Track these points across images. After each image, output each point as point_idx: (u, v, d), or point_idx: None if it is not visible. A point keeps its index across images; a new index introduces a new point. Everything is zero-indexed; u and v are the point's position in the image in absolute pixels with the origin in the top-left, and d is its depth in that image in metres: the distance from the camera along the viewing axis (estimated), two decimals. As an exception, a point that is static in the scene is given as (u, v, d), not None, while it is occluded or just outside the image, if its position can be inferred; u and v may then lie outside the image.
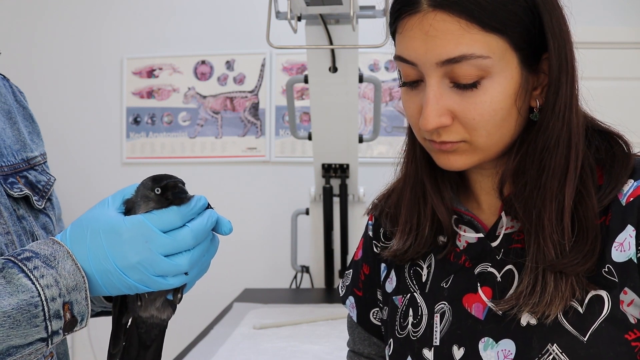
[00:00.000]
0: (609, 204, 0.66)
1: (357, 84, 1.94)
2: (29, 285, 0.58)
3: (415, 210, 0.78)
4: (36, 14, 2.98)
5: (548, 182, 0.66)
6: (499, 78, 0.64)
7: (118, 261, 0.61)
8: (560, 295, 0.64)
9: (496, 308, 0.69)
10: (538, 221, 0.66)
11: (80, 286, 0.61)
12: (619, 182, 0.66)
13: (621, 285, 0.63)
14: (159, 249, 0.61)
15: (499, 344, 0.68)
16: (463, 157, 0.69)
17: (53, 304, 0.59)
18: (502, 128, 0.67)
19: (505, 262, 0.71)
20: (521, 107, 0.67)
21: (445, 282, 0.75)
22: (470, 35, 0.63)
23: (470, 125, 0.66)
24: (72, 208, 2.91)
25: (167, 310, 0.69)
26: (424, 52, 0.65)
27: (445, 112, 0.66)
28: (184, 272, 0.63)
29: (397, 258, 0.80)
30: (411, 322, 0.77)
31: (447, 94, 0.66)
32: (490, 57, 0.63)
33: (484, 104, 0.65)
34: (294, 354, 1.55)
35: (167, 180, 0.63)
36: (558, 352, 0.63)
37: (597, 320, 0.63)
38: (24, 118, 0.83)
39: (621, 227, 0.65)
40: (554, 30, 0.66)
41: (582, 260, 0.64)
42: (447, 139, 0.67)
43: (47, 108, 2.95)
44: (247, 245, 2.89)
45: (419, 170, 0.78)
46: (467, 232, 0.76)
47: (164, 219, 0.62)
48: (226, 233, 0.67)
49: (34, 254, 0.60)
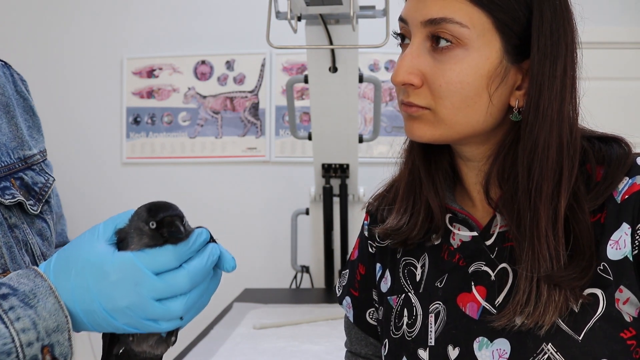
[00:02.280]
0: (604, 202, 0.66)
1: (357, 84, 1.94)
2: (2, 330, 0.51)
3: (411, 192, 0.79)
4: (36, 14, 2.97)
5: (543, 187, 0.65)
6: (474, 53, 0.66)
7: (105, 303, 0.55)
8: (554, 305, 0.63)
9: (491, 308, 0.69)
10: (532, 227, 0.65)
11: (63, 327, 0.55)
12: (615, 179, 0.66)
13: (616, 283, 0.63)
14: (150, 293, 0.54)
15: (494, 344, 0.68)
16: (426, 126, 0.70)
17: (29, 349, 0.53)
18: (469, 108, 0.67)
19: (499, 261, 0.71)
20: (494, 95, 0.67)
21: (439, 281, 0.75)
22: (456, 2, 0.65)
23: (437, 93, 0.67)
24: (72, 208, 2.91)
25: (161, 346, 0.63)
26: (413, 11, 0.69)
27: (416, 71, 0.68)
28: (179, 317, 0.57)
29: (389, 237, 0.80)
30: (406, 322, 0.77)
31: (423, 56, 0.68)
32: (469, 27, 0.65)
33: (452, 71, 0.66)
34: (294, 354, 1.55)
35: (163, 214, 0.56)
36: (553, 352, 0.63)
37: (592, 319, 0.63)
38: (23, 111, 0.78)
39: (616, 224, 0.64)
40: (543, 28, 0.65)
41: (579, 275, 0.63)
42: (413, 100, 0.69)
43: (47, 108, 2.94)
44: (247, 245, 2.89)
45: (416, 167, 0.79)
46: (461, 231, 0.76)
47: (157, 260, 0.55)
48: (229, 270, 0.60)
49: (11, 291, 0.54)
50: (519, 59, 0.67)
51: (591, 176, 0.68)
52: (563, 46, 0.66)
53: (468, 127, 0.69)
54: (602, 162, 0.69)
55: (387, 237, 0.81)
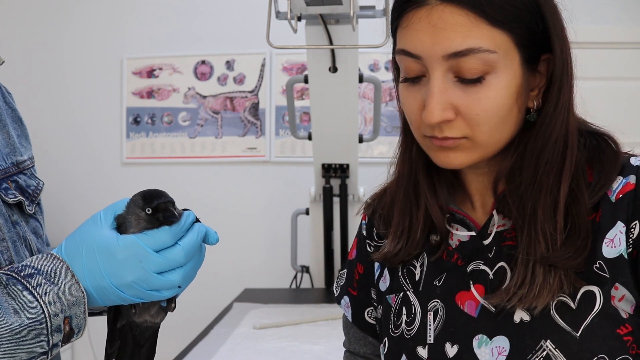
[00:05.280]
0: (598, 201, 0.67)
1: (357, 84, 1.94)
2: (33, 302, 0.60)
3: (407, 214, 0.79)
4: (36, 15, 2.97)
5: (544, 178, 0.67)
6: (502, 74, 0.65)
7: (113, 280, 0.63)
8: (548, 287, 0.64)
9: (489, 305, 0.69)
10: (532, 214, 0.67)
11: (80, 301, 0.63)
12: (608, 179, 0.67)
13: (612, 280, 0.64)
14: (152, 267, 0.64)
15: (493, 341, 0.68)
16: (463, 154, 0.69)
17: (55, 319, 0.61)
18: (504, 125, 0.67)
19: (497, 260, 0.71)
20: (521, 106, 0.68)
21: (437, 280, 0.76)
22: (478, 29, 0.63)
23: (474, 121, 0.66)
24: (72, 208, 2.92)
25: (160, 315, 0.72)
26: (430, 45, 0.64)
27: (449, 106, 0.66)
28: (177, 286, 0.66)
29: (388, 261, 0.81)
30: (405, 321, 0.77)
31: (451, 89, 0.65)
32: (496, 52, 0.64)
33: (488, 99, 0.65)
34: (294, 354, 1.55)
35: (157, 201, 0.65)
36: (552, 348, 0.64)
37: (589, 315, 0.64)
38: (12, 121, 0.83)
39: (611, 223, 0.65)
40: (557, 31, 0.67)
41: (574, 254, 0.64)
42: (449, 134, 0.67)
43: (47, 108, 2.95)
44: (247, 245, 2.89)
45: (414, 170, 0.78)
46: (459, 231, 0.76)
47: (156, 239, 0.64)
48: (213, 243, 0.70)
49: (35, 271, 0.62)
50: (533, 66, 0.68)
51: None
52: (568, 41, 0.68)
53: (501, 142, 0.69)
54: (590, 161, 0.70)
55: (386, 261, 0.82)
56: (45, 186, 0.84)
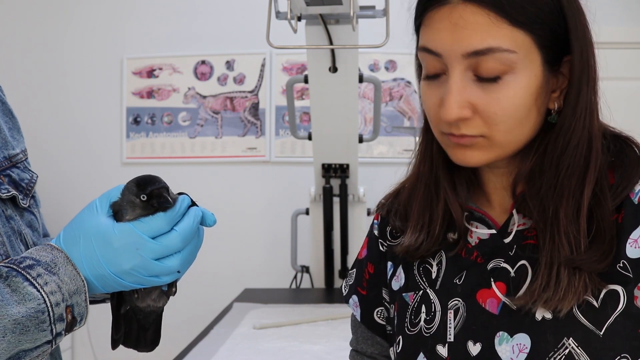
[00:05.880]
0: (621, 203, 0.67)
1: (357, 84, 1.94)
2: (35, 293, 0.60)
3: (427, 208, 0.79)
4: (36, 15, 2.97)
5: (565, 181, 0.67)
6: (522, 75, 0.65)
7: (112, 267, 0.64)
8: (573, 290, 0.64)
9: (511, 303, 0.69)
10: (554, 217, 0.67)
11: (81, 290, 0.64)
12: (631, 182, 0.67)
13: (635, 280, 0.64)
14: (150, 254, 0.64)
15: (514, 338, 0.68)
16: (480, 152, 0.69)
17: (57, 308, 0.61)
18: (521, 126, 0.67)
19: (518, 258, 0.71)
20: (541, 107, 0.68)
21: (458, 278, 0.76)
22: (498, 28, 0.63)
23: (491, 120, 0.66)
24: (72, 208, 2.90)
25: (162, 299, 0.73)
26: (450, 43, 0.65)
27: (467, 104, 0.66)
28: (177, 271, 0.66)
29: (409, 254, 0.81)
30: (424, 319, 0.77)
31: (469, 87, 0.66)
32: (516, 52, 0.64)
33: (506, 99, 0.65)
34: (294, 354, 1.55)
35: (151, 188, 0.65)
36: (574, 346, 0.64)
37: (613, 314, 0.64)
38: (3, 113, 0.82)
39: (634, 224, 0.66)
40: (578, 33, 0.67)
41: (600, 257, 0.65)
42: (466, 132, 0.68)
43: (47, 108, 2.95)
44: (247, 245, 2.89)
45: (435, 167, 0.79)
46: (478, 229, 0.77)
47: (152, 226, 0.64)
48: (210, 225, 0.70)
49: (35, 262, 0.62)
50: (555, 67, 0.68)
51: None
52: (591, 47, 0.68)
53: (519, 143, 0.69)
54: (612, 165, 0.70)
55: (407, 255, 0.81)
56: (45, 186, 0.84)
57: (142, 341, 0.75)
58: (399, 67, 2.86)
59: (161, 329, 0.77)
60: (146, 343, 0.76)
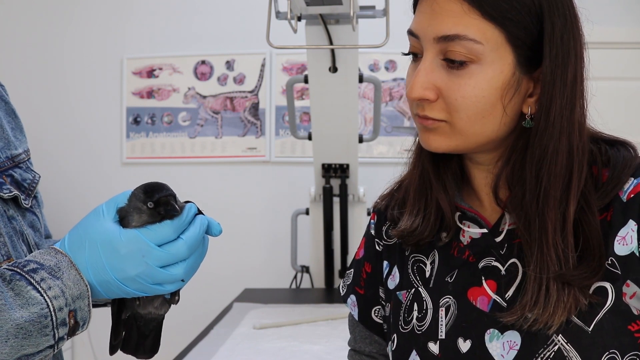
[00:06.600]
0: (609, 201, 0.68)
1: (357, 84, 1.94)
2: (38, 297, 0.60)
3: (422, 195, 0.81)
4: (36, 15, 2.97)
5: (551, 191, 0.67)
6: (488, 68, 0.66)
7: (117, 274, 0.64)
8: (562, 306, 0.65)
9: (499, 298, 0.70)
10: (541, 230, 0.67)
11: (84, 294, 0.64)
12: (620, 180, 0.68)
13: (624, 277, 0.65)
14: (155, 262, 0.64)
15: (505, 335, 0.69)
16: (442, 137, 0.71)
17: (60, 313, 0.61)
18: (484, 119, 0.68)
19: (509, 257, 0.72)
20: (508, 106, 0.68)
21: (449, 276, 0.77)
22: (469, 18, 0.66)
23: (452, 106, 0.68)
24: (72, 208, 2.91)
25: (164, 307, 0.73)
26: (426, 27, 0.69)
27: (431, 86, 0.69)
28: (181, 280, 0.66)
29: (404, 238, 0.82)
30: (416, 317, 0.78)
31: (437, 70, 0.68)
32: (483, 44, 0.66)
33: (468, 87, 0.67)
34: (294, 354, 1.55)
35: (158, 195, 0.65)
36: (563, 343, 0.65)
37: (601, 311, 0.65)
38: (6, 114, 0.82)
39: (623, 222, 0.66)
40: (554, 38, 0.66)
41: (590, 274, 0.65)
42: (429, 114, 0.70)
43: (48, 108, 2.95)
44: (247, 245, 2.89)
45: (425, 163, 0.80)
46: (471, 228, 0.77)
47: (158, 234, 0.64)
48: (216, 235, 0.70)
49: (39, 266, 0.62)
50: (530, 69, 0.68)
51: (597, 178, 0.70)
52: (573, 53, 0.67)
53: (483, 137, 0.70)
54: (607, 165, 0.70)
55: (402, 238, 0.82)
56: (45, 186, 0.84)
57: (141, 348, 0.75)
58: (399, 67, 2.86)
59: (161, 337, 0.77)
60: (145, 350, 0.76)
